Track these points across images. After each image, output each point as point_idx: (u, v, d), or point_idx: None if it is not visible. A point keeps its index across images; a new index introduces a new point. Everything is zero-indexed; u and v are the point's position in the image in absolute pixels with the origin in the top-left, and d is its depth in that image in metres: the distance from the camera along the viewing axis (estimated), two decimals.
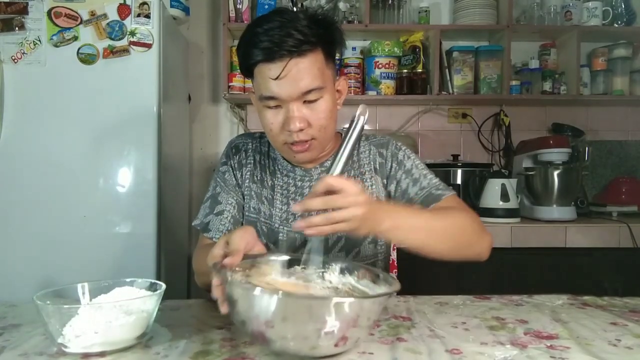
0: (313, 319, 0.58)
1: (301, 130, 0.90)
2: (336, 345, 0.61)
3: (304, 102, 0.89)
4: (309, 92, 0.88)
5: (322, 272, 0.81)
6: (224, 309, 0.66)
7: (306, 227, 0.70)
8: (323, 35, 0.89)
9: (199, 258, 1.01)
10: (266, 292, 0.59)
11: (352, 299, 0.68)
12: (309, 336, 0.59)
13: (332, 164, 0.74)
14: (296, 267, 0.81)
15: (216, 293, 0.67)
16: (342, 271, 0.80)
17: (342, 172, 0.74)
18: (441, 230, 0.85)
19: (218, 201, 1.07)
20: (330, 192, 0.70)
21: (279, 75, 0.86)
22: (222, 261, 0.71)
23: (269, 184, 1.06)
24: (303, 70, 0.86)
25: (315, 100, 0.90)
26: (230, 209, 1.06)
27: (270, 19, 0.87)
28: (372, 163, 1.07)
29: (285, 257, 0.82)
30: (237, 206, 1.07)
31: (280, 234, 1.04)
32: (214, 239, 1.04)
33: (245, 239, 0.75)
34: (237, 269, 0.74)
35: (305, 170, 1.05)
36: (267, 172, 1.07)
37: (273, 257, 0.81)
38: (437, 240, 0.85)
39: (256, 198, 1.06)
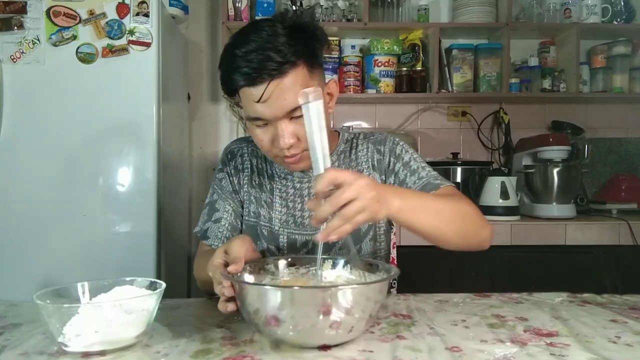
0: (315, 305, 0.63)
1: (291, 146, 0.89)
2: (330, 326, 0.64)
3: (291, 118, 0.88)
4: (294, 110, 0.85)
5: (317, 270, 0.83)
6: (232, 306, 0.71)
7: (327, 236, 0.68)
8: (304, 51, 0.86)
9: (200, 265, 1.01)
10: (275, 288, 0.66)
11: (344, 287, 0.68)
12: (313, 321, 0.64)
13: (315, 164, 0.72)
14: (294, 267, 0.86)
15: (227, 293, 0.71)
16: (334, 266, 0.85)
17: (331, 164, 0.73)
18: (448, 212, 0.84)
19: (215, 208, 1.07)
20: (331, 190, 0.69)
21: (260, 99, 0.84)
22: (226, 270, 0.73)
23: (268, 188, 1.07)
24: (286, 90, 0.84)
25: (302, 116, 0.86)
26: (227, 216, 1.06)
27: (247, 40, 0.84)
28: (369, 160, 1.07)
29: (284, 260, 0.86)
30: (234, 213, 1.07)
31: (281, 237, 1.04)
32: (212, 246, 1.05)
33: (244, 247, 0.78)
34: (242, 272, 0.77)
35: (303, 172, 1.04)
36: (265, 176, 1.07)
37: (273, 260, 0.86)
38: (445, 222, 0.83)
39: (255, 202, 1.06)
